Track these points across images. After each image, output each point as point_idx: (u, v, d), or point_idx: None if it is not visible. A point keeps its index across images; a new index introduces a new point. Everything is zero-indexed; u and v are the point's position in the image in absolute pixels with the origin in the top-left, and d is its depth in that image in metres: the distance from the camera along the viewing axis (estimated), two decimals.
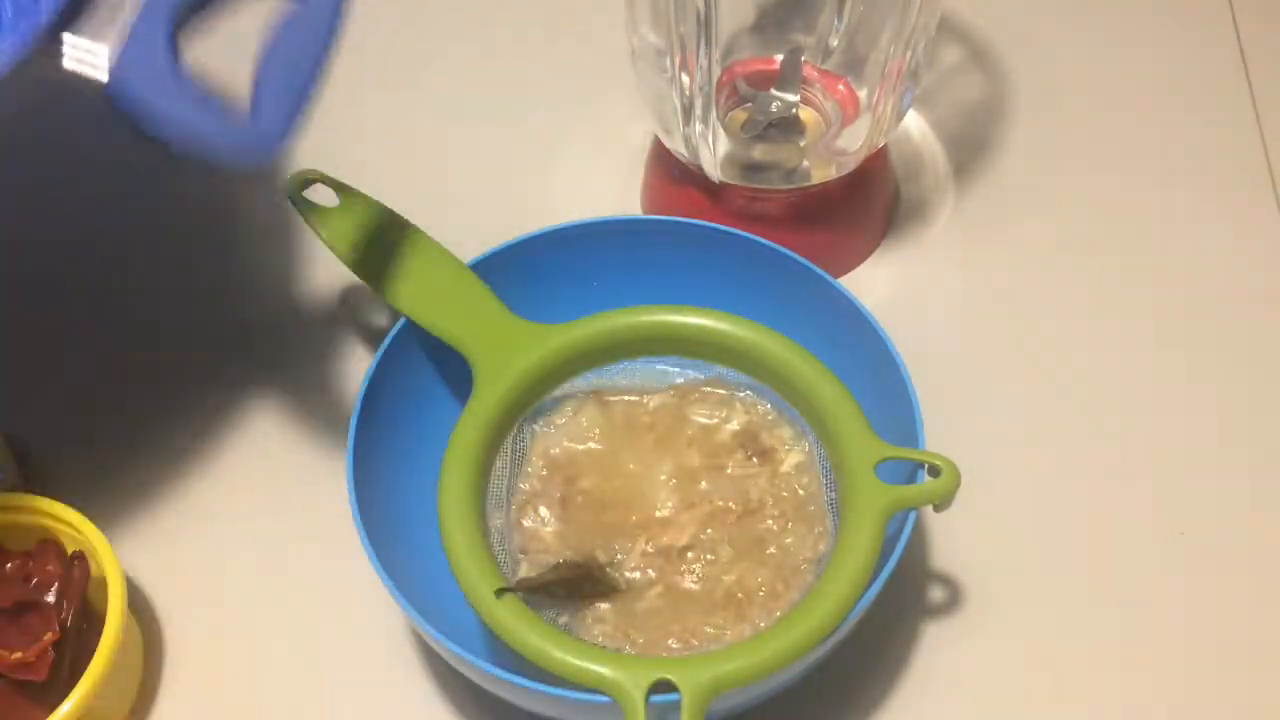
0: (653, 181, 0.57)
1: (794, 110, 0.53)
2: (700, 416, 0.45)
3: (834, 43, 0.54)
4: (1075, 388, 0.52)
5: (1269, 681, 0.44)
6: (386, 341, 0.45)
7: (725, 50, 0.54)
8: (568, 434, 0.44)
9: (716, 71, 0.48)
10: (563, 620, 0.40)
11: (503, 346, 0.43)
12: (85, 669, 0.40)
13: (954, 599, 0.46)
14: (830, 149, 0.53)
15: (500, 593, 0.37)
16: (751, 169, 0.53)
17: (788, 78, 0.53)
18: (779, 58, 0.54)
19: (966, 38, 0.65)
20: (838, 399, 0.41)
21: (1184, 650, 0.45)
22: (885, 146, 0.55)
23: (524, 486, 0.44)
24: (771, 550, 0.42)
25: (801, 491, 0.43)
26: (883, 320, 0.44)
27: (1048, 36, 0.65)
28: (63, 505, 0.44)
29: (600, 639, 0.40)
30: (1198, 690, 0.44)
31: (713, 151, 0.50)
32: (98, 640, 0.41)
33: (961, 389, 0.51)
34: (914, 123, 0.61)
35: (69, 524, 0.44)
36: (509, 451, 0.44)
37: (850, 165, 0.52)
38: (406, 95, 0.65)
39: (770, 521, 0.42)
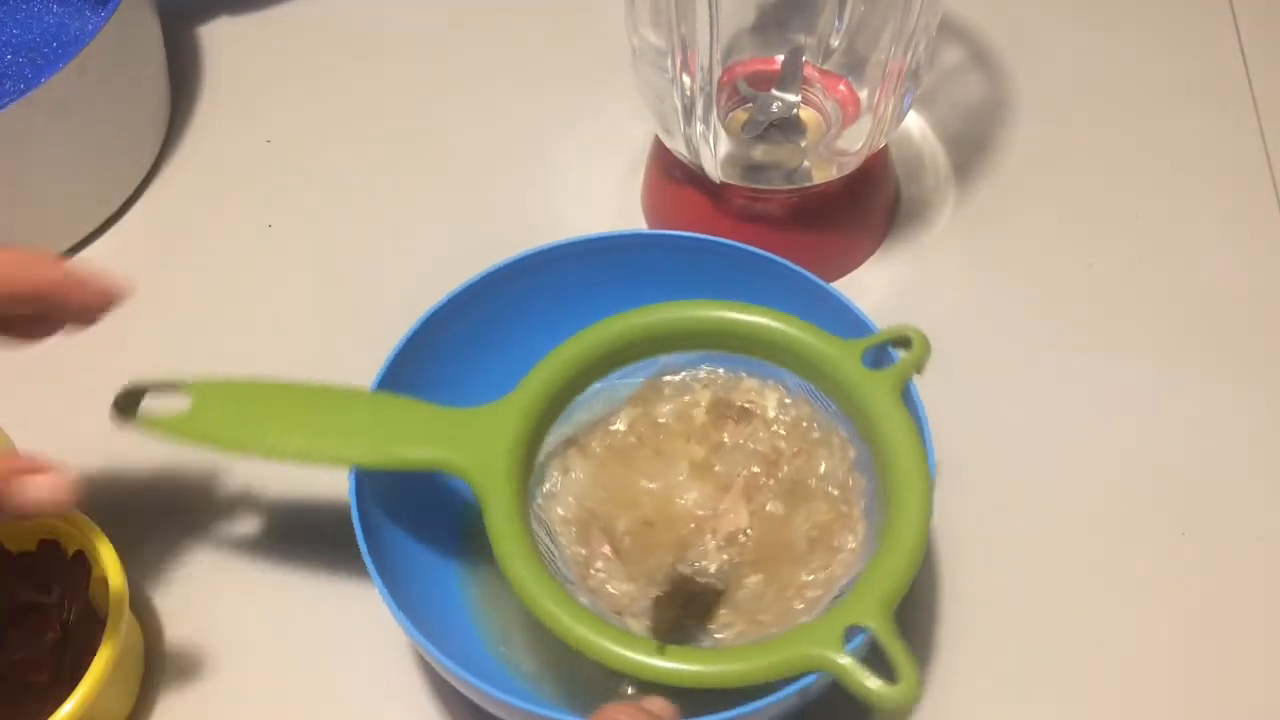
0: (653, 182, 0.57)
1: (795, 110, 0.53)
2: (671, 413, 0.44)
3: (835, 43, 0.54)
4: (1076, 387, 0.52)
5: (1271, 681, 0.44)
6: (397, 347, 0.45)
7: (726, 50, 0.54)
8: (572, 492, 0.43)
9: (717, 72, 0.48)
10: (706, 644, 0.40)
11: (470, 444, 0.39)
12: (87, 669, 0.40)
13: (953, 597, 0.46)
14: (831, 149, 0.53)
15: (659, 647, 0.36)
16: (752, 169, 0.53)
17: (788, 78, 0.53)
18: (780, 58, 0.54)
19: (967, 38, 0.65)
20: (788, 329, 0.41)
21: (1185, 650, 0.45)
22: (886, 147, 0.55)
23: (571, 555, 0.42)
24: (812, 483, 0.42)
25: (805, 423, 0.43)
26: (883, 320, 0.44)
27: (1048, 36, 0.65)
28: None
29: (738, 639, 0.40)
30: (1200, 690, 0.44)
31: (713, 152, 0.50)
32: (99, 640, 0.41)
33: (962, 389, 0.51)
34: (914, 123, 0.61)
35: (70, 524, 0.44)
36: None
37: (851, 166, 0.52)
38: (407, 95, 0.65)
39: (796, 460, 0.42)
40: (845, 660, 0.34)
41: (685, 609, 0.40)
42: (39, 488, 0.36)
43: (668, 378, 0.44)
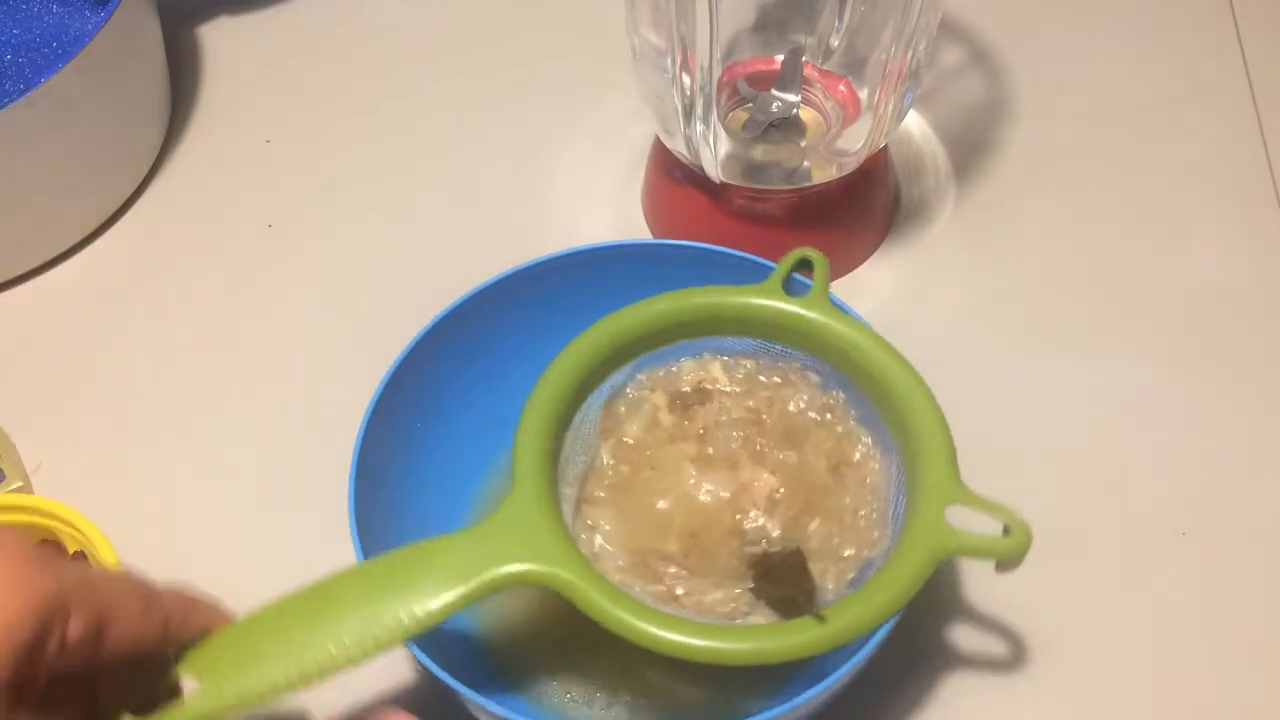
0: (653, 182, 0.57)
1: (795, 111, 0.53)
2: (640, 429, 0.43)
3: (835, 43, 0.54)
4: (1075, 388, 0.52)
5: (1272, 681, 0.44)
6: (399, 358, 0.44)
7: (726, 50, 0.54)
8: (611, 544, 0.41)
9: (717, 72, 0.48)
10: (830, 599, 0.40)
11: (526, 546, 0.37)
12: None
13: (953, 596, 0.46)
14: (831, 149, 0.53)
15: (818, 618, 0.36)
16: (752, 169, 0.53)
17: (788, 78, 0.53)
18: (780, 58, 0.54)
19: (967, 38, 0.65)
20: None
21: (1186, 649, 0.45)
22: (886, 147, 0.55)
23: (655, 594, 0.41)
24: (799, 420, 0.43)
25: (759, 375, 0.44)
26: (883, 320, 0.44)
27: (1048, 36, 0.65)
28: (63, 505, 0.44)
29: (841, 579, 0.40)
30: (1200, 690, 0.44)
31: (714, 152, 0.50)
32: None
33: (961, 389, 0.51)
34: (914, 123, 0.61)
35: (69, 524, 0.44)
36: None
37: (851, 166, 0.52)
38: (407, 96, 0.65)
39: (773, 409, 0.43)
40: (966, 536, 0.37)
41: (784, 581, 0.40)
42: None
43: (617, 400, 0.44)
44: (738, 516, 0.41)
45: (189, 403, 0.53)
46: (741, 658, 0.35)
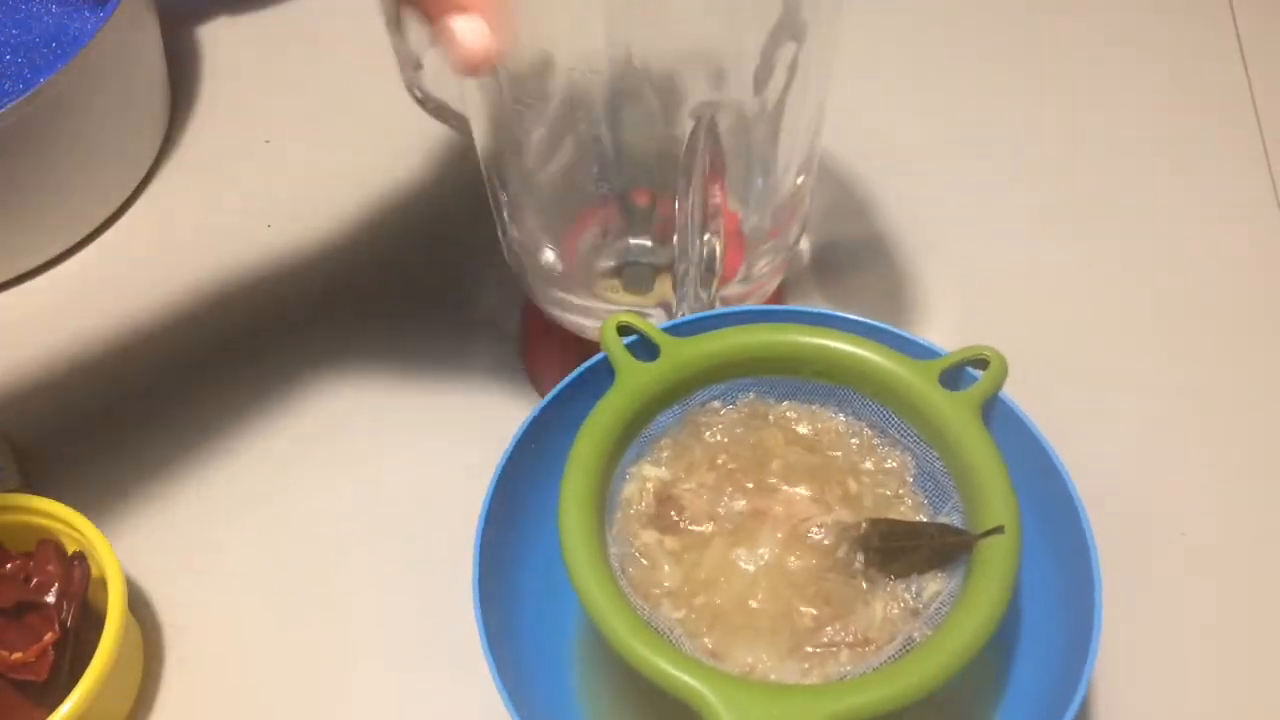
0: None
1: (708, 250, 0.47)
2: (670, 568, 0.40)
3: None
4: (1074, 387, 0.52)
5: (1270, 681, 0.44)
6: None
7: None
8: (773, 664, 0.38)
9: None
10: (958, 522, 0.39)
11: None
12: (85, 669, 0.40)
13: None
14: (751, 275, 0.48)
15: (995, 530, 0.37)
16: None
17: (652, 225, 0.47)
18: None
19: (968, 37, 0.65)
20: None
21: (1185, 649, 0.45)
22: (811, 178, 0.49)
23: (845, 659, 0.39)
24: (754, 438, 0.42)
25: (680, 444, 0.42)
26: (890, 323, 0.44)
27: (1048, 37, 0.65)
28: (63, 505, 0.44)
29: (935, 511, 0.40)
30: (1199, 689, 0.44)
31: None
32: (98, 640, 0.41)
33: None
34: (912, 122, 0.61)
35: (69, 524, 0.44)
36: None
37: (771, 287, 0.49)
38: (407, 96, 0.65)
39: (723, 449, 0.42)
40: (974, 388, 0.40)
41: (905, 547, 0.39)
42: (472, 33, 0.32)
43: (626, 564, 0.40)
44: (810, 539, 0.40)
45: (188, 402, 0.53)
46: (996, 614, 0.35)
